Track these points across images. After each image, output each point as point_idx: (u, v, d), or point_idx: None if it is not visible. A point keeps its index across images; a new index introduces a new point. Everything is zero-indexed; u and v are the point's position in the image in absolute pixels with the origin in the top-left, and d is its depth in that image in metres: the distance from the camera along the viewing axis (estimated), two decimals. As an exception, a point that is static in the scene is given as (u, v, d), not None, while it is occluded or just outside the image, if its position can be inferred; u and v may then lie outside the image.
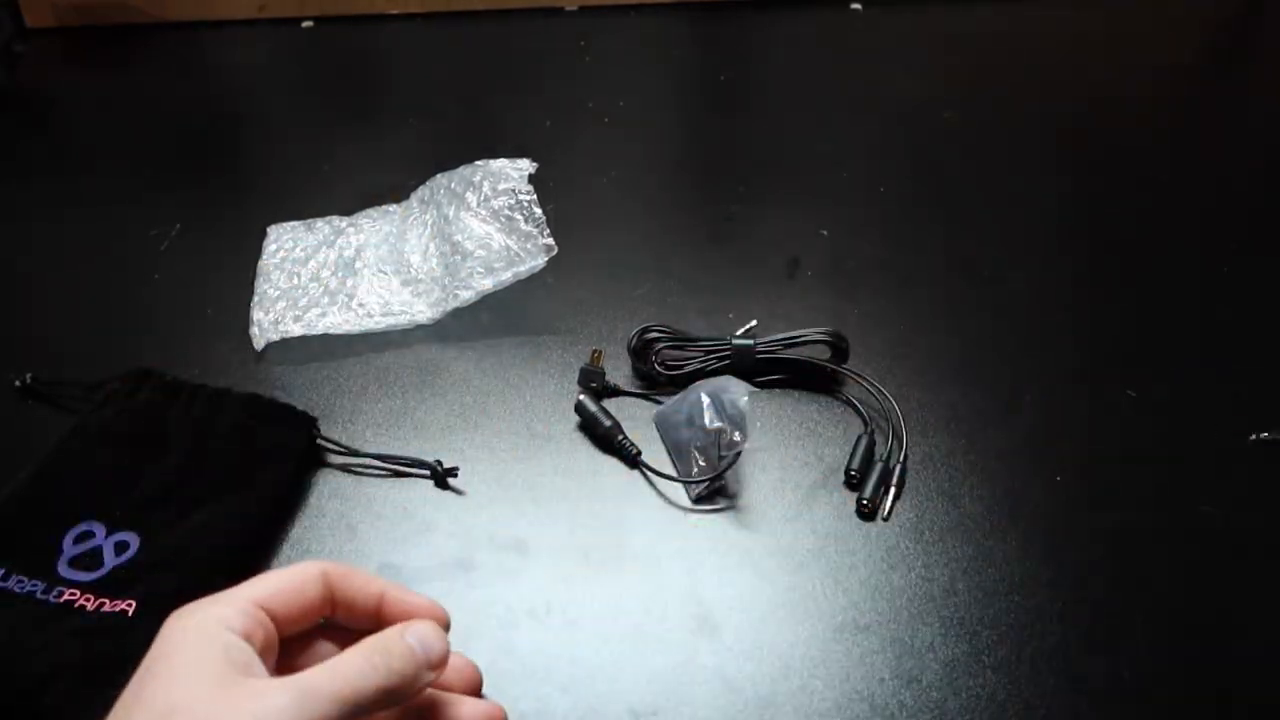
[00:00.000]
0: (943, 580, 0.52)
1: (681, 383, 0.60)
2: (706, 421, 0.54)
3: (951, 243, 0.74)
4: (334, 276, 0.67)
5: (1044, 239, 0.75)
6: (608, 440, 0.58)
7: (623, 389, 0.61)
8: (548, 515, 0.55)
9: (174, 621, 0.35)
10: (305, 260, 0.68)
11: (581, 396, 0.59)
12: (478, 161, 0.67)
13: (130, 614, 0.46)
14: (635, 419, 0.59)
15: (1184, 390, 0.62)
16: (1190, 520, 0.55)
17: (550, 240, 0.63)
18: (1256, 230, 0.76)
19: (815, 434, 0.59)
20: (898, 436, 0.58)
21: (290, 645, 0.38)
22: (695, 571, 0.52)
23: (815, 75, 0.94)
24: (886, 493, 0.55)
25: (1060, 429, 0.60)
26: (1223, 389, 0.62)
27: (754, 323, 0.65)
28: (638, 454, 0.57)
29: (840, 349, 0.61)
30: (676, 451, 0.57)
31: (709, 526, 0.54)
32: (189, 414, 0.56)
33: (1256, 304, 0.69)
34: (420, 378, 0.63)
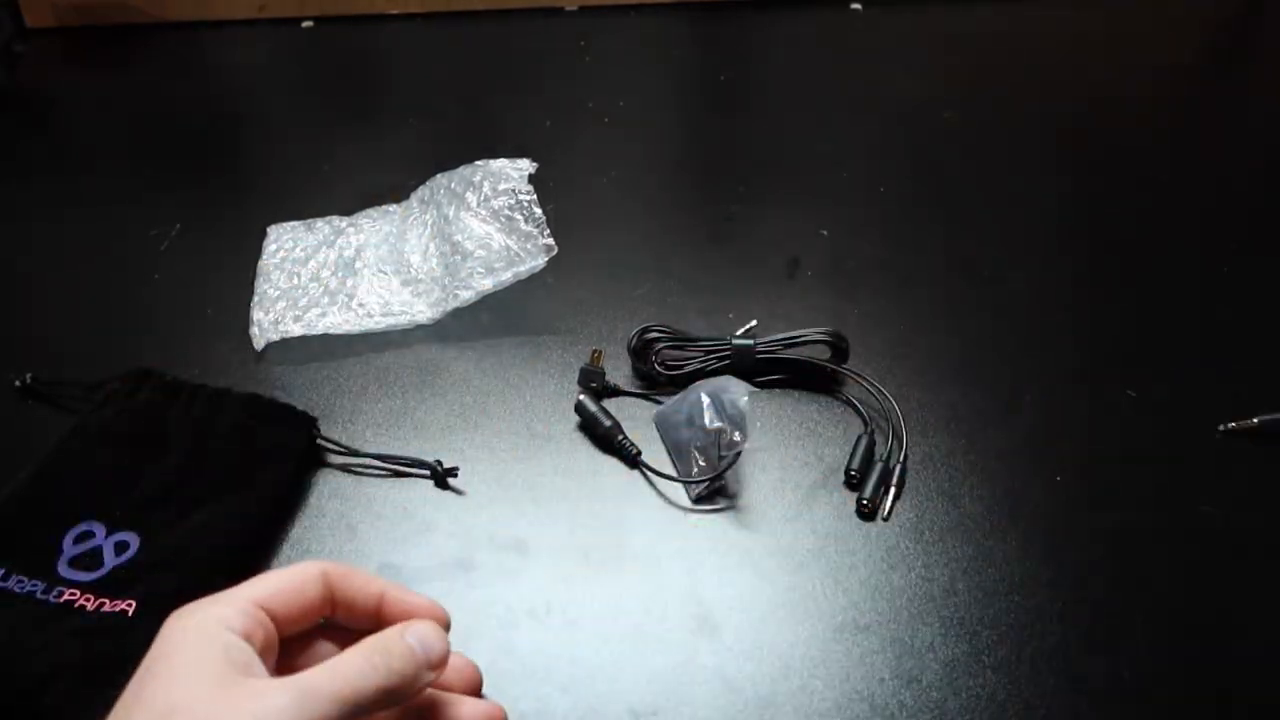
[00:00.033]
0: (943, 580, 0.52)
1: (681, 383, 0.60)
2: (706, 421, 0.54)
3: (951, 243, 0.74)
4: (334, 276, 0.67)
5: (1044, 239, 0.75)
6: (608, 440, 0.58)
7: (623, 389, 0.61)
8: (548, 515, 0.55)
9: (174, 621, 0.35)
10: (305, 260, 0.68)
11: (581, 396, 0.59)
12: (478, 161, 0.67)
13: (130, 614, 0.46)
14: (635, 419, 0.59)
15: (1184, 390, 0.62)
16: (1190, 520, 0.55)
17: (550, 240, 0.63)
18: (1256, 230, 0.76)
19: (815, 434, 0.59)
20: (898, 436, 0.58)
21: (290, 645, 0.38)
22: (695, 571, 0.52)
23: (815, 75, 0.94)
24: (886, 493, 0.55)
25: (1060, 429, 0.60)
26: (1223, 389, 0.62)
27: (754, 323, 0.65)
28: (638, 454, 0.57)
29: (840, 349, 0.61)
30: (676, 451, 0.57)
31: (709, 526, 0.54)
32: (189, 414, 0.56)
33: (1256, 304, 0.69)
34: (420, 378, 0.63)
